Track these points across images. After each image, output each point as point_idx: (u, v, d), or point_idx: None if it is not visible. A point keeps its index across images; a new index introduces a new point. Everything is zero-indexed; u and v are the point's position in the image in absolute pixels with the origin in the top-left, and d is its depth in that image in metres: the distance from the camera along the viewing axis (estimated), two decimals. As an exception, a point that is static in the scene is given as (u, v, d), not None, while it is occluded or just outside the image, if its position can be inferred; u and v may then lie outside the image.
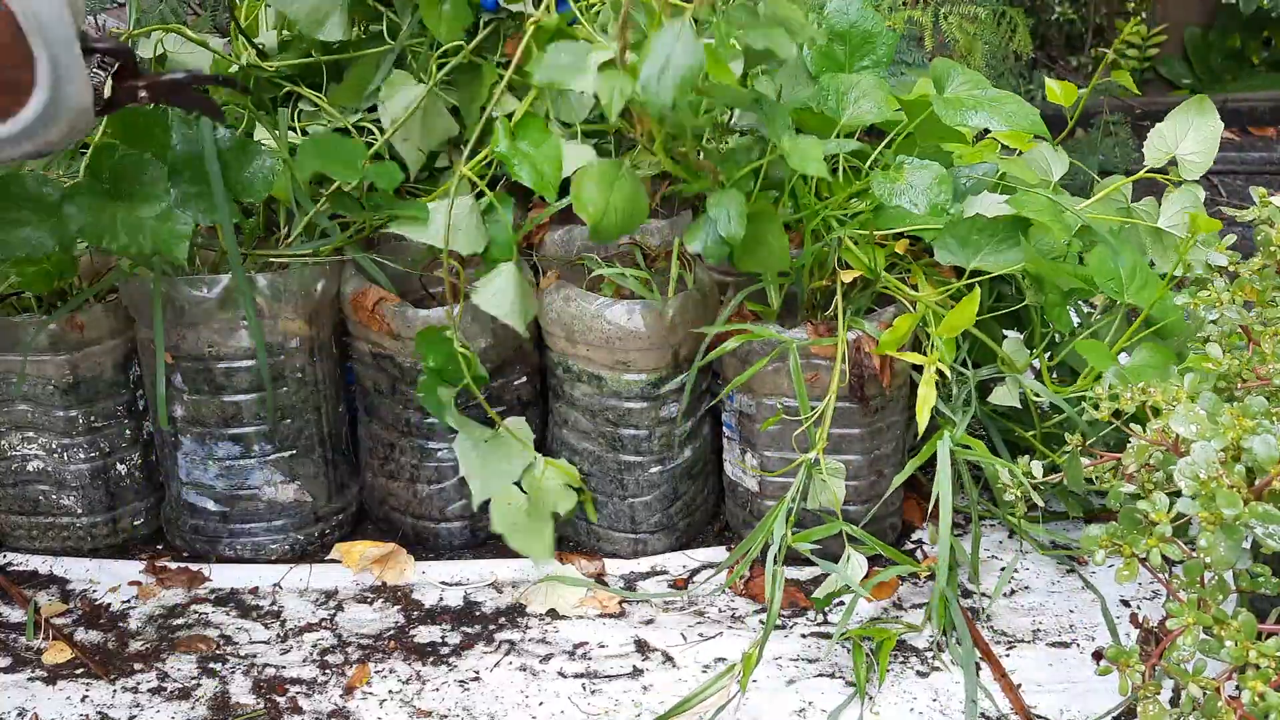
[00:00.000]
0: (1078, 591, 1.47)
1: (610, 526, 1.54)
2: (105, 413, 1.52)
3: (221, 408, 1.47)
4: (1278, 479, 0.98)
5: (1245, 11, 3.22)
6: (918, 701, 1.29)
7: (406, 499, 1.56)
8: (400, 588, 1.49)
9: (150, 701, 1.30)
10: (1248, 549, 1.08)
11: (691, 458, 1.53)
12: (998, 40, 2.61)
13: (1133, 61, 3.44)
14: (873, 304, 1.49)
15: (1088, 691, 1.29)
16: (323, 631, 1.41)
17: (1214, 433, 1.01)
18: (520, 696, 1.30)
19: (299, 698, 1.30)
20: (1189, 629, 0.99)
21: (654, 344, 1.44)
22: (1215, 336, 1.20)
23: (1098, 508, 1.57)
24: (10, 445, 1.50)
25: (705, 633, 1.40)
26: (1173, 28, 3.53)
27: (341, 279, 1.52)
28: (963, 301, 1.36)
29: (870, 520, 1.49)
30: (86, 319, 1.47)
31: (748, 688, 1.30)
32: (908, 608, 1.44)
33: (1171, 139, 1.53)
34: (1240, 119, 3.30)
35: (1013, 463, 1.31)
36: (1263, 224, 1.28)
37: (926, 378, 1.38)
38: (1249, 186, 1.37)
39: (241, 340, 1.45)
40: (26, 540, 1.55)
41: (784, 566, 1.34)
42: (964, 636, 1.33)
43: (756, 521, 1.48)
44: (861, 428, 1.46)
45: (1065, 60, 3.50)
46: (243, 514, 1.53)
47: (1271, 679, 0.94)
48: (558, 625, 1.42)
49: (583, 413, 1.51)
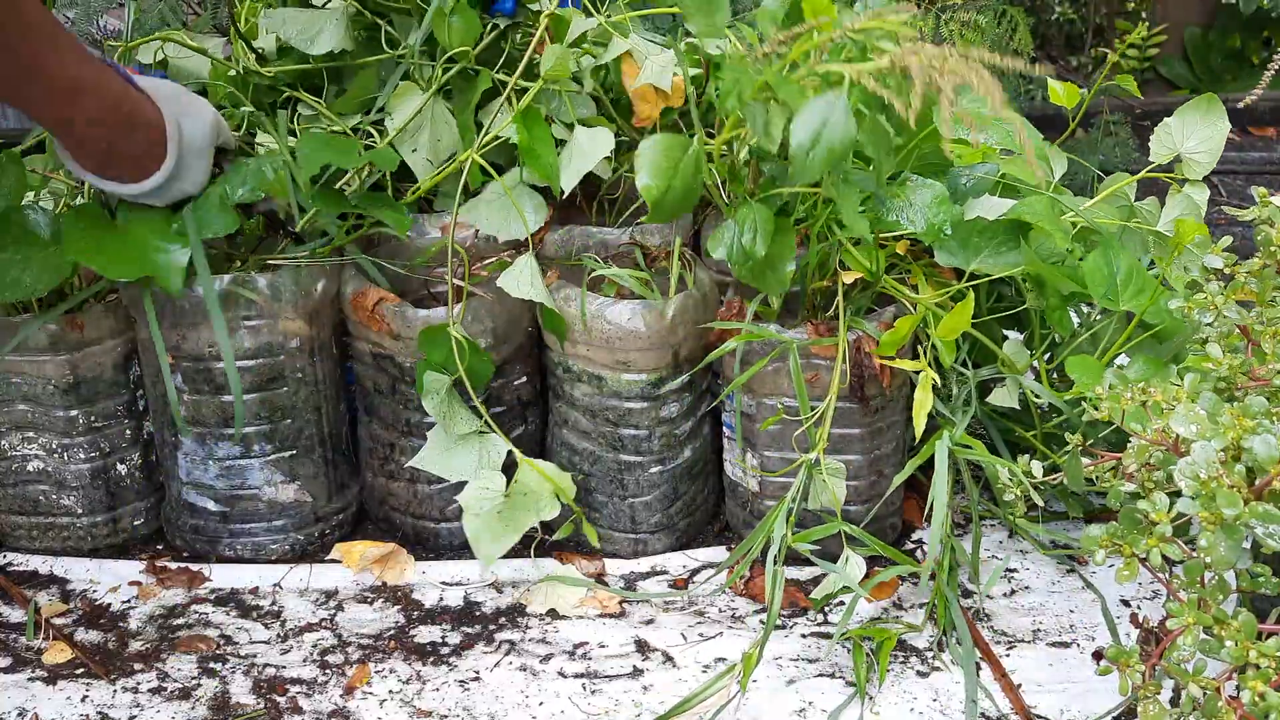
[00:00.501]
0: (1078, 591, 1.47)
1: (610, 526, 1.54)
2: (105, 413, 1.52)
3: (222, 408, 1.47)
4: (1278, 479, 0.98)
5: (1245, 11, 3.22)
6: (918, 701, 1.29)
7: (406, 499, 1.56)
8: (400, 588, 1.49)
9: (150, 701, 1.30)
10: (1248, 549, 1.08)
11: (692, 458, 1.53)
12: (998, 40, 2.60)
13: (1133, 61, 3.44)
14: (873, 304, 1.49)
15: (1088, 691, 1.29)
16: (323, 631, 1.41)
17: (1214, 433, 1.01)
18: (520, 696, 1.30)
19: (299, 698, 1.30)
20: (1189, 629, 0.99)
21: (654, 344, 1.44)
22: (1214, 337, 1.20)
23: (1098, 507, 1.57)
24: (10, 445, 1.51)
25: (705, 633, 1.40)
26: (1173, 28, 3.53)
27: (341, 279, 1.52)
28: (959, 305, 1.36)
29: (870, 520, 1.49)
30: (86, 319, 1.47)
31: (748, 688, 1.30)
32: (908, 608, 1.44)
33: (1178, 135, 1.53)
34: (1240, 119, 3.30)
35: (1013, 463, 1.32)
36: (1263, 224, 1.27)
37: (923, 381, 1.38)
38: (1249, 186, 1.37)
39: (242, 340, 1.45)
40: (26, 540, 1.55)
41: (784, 566, 1.34)
42: (964, 636, 1.34)
43: (757, 521, 1.48)
44: (862, 428, 1.46)
45: (1065, 60, 3.50)
46: (243, 514, 1.53)
47: (1272, 679, 0.94)
48: (558, 625, 1.42)
49: (583, 413, 1.51)
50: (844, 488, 1.41)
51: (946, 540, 1.37)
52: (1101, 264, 1.47)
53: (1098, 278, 1.47)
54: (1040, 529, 1.52)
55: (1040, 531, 1.52)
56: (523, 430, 1.57)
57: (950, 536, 1.38)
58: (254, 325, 1.45)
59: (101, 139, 1.32)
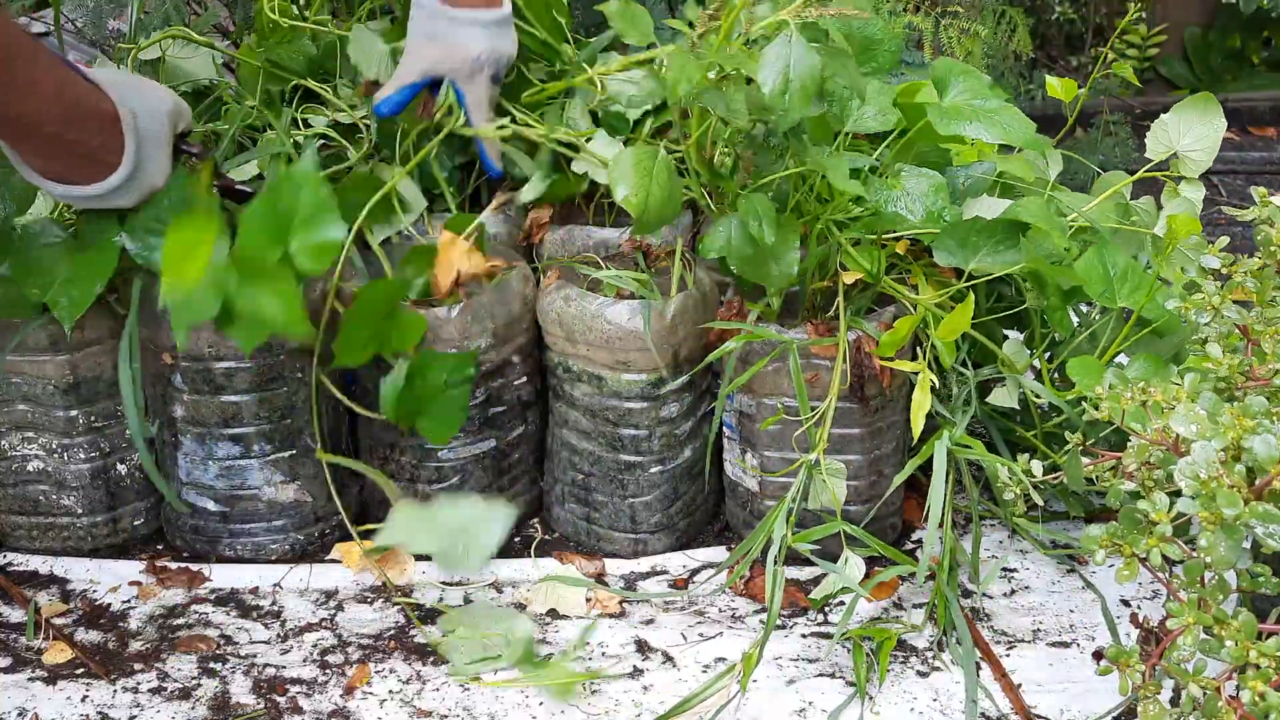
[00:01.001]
0: (1078, 591, 1.47)
1: (610, 526, 1.54)
2: (105, 413, 1.52)
3: (221, 408, 1.47)
4: (1278, 479, 0.98)
5: (1245, 11, 3.22)
6: (918, 701, 1.29)
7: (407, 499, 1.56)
8: (400, 588, 1.49)
9: (150, 701, 1.30)
10: (1248, 549, 1.08)
11: (692, 458, 1.53)
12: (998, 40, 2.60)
13: (1133, 61, 3.44)
14: (873, 304, 1.49)
15: (1088, 691, 1.29)
16: (323, 631, 1.41)
17: (1214, 432, 1.01)
18: (520, 696, 1.30)
19: (299, 698, 1.30)
20: (1189, 629, 0.99)
21: (654, 344, 1.44)
22: (1214, 337, 1.20)
23: (1098, 507, 1.57)
24: (10, 445, 1.51)
25: (705, 633, 1.40)
26: (1173, 28, 3.53)
27: (341, 278, 1.51)
28: (959, 306, 1.36)
29: (871, 520, 1.49)
30: (86, 319, 1.46)
31: (748, 688, 1.30)
32: (908, 608, 1.44)
33: (1174, 133, 1.53)
34: (1240, 119, 3.30)
35: (1013, 462, 1.32)
36: (1263, 224, 1.27)
37: (921, 383, 1.38)
38: (1249, 186, 1.37)
39: (241, 340, 1.45)
40: (26, 540, 1.55)
41: (784, 566, 1.34)
42: (964, 636, 1.34)
43: (757, 521, 1.48)
44: (861, 427, 1.46)
45: (1065, 60, 3.50)
46: (243, 514, 1.53)
47: (1272, 679, 0.94)
48: (558, 625, 1.42)
49: (583, 413, 1.51)
50: (844, 488, 1.41)
51: (946, 540, 1.37)
52: (1097, 262, 1.48)
53: (1093, 275, 1.47)
54: (1040, 529, 1.52)
55: (1040, 531, 1.52)
56: (523, 430, 1.57)
57: (950, 536, 1.38)
58: (254, 325, 1.45)
59: (50, 132, 1.24)
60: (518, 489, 1.60)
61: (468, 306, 1.46)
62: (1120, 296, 1.46)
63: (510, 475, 1.58)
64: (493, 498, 1.56)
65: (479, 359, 1.48)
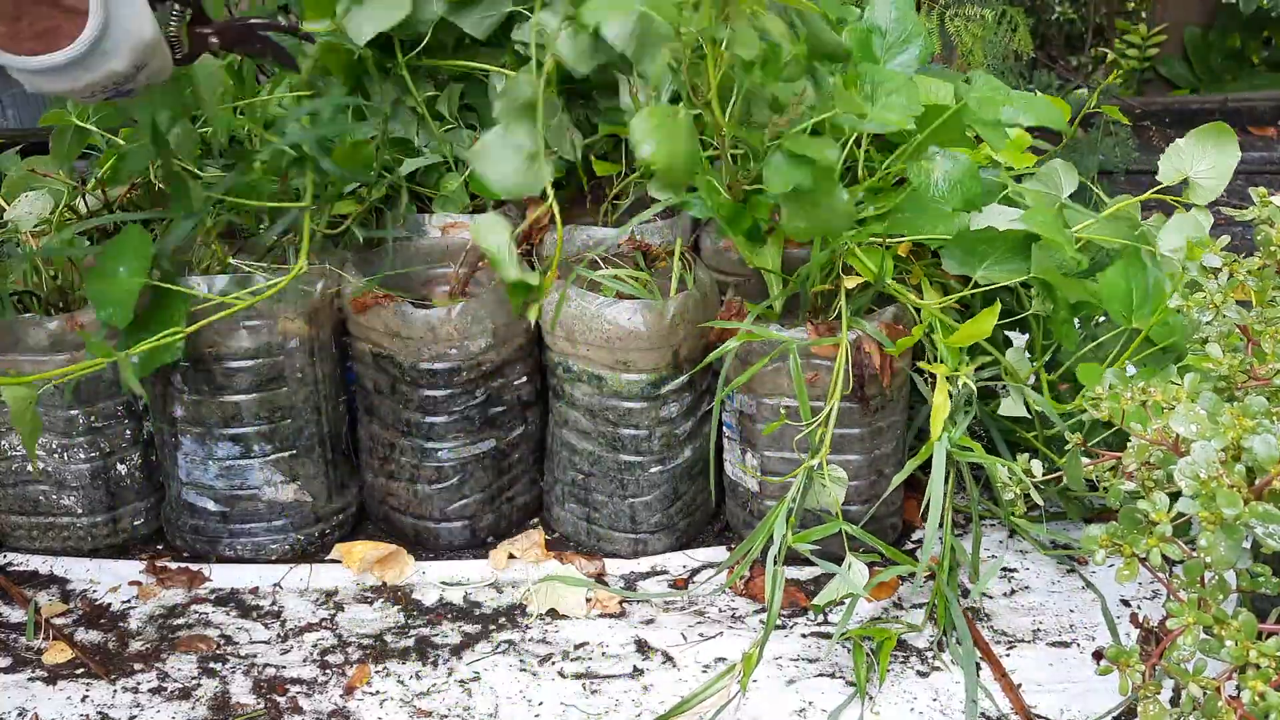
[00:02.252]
0: (1078, 591, 1.47)
1: (610, 526, 1.54)
2: (105, 413, 1.52)
3: (221, 408, 1.47)
4: (1278, 479, 0.98)
5: (1245, 11, 3.21)
6: (918, 701, 1.29)
7: (406, 499, 1.56)
8: (400, 588, 1.49)
9: (150, 701, 1.30)
10: (1248, 549, 1.08)
11: (692, 458, 1.53)
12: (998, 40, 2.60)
13: (1133, 61, 3.44)
14: (872, 304, 1.49)
15: (1088, 691, 1.29)
16: (323, 631, 1.41)
17: (1214, 432, 1.01)
18: (520, 696, 1.30)
19: (299, 698, 1.30)
20: (1189, 629, 0.99)
21: (654, 344, 1.44)
22: (1214, 337, 1.20)
23: (1098, 509, 1.57)
24: (10, 445, 1.50)
25: (705, 633, 1.40)
26: (1173, 28, 3.52)
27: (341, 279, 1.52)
28: (981, 314, 1.36)
29: (870, 520, 1.49)
30: (86, 319, 1.47)
31: (748, 688, 1.30)
32: (908, 608, 1.44)
33: (1189, 158, 1.52)
34: (1240, 119, 3.30)
35: (1013, 462, 1.31)
36: (1262, 224, 1.27)
37: (940, 386, 1.38)
38: (1249, 186, 1.37)
39: (242, 340, 1.45)
40: (27, 540, 1.55)
41: (784, 567, 1.34)
42: (964, 636, 1.34)
43: (757, 521, 1.48)
44: (861, 428, 1.46)
45: (1065, 60, 3.49)
46: (243, 514, 1.53)
47: (1271, 679, 0.94)
48: (558, 625, 1.42)
49: (583, 413, 1.51)
50: (844, 488, 1.41)
51: (946, 540, 1.37)
52: (1121, 280, 1.46)
53: (1115, 293, 1.45)
54: (1040, 529, 1.52)
55: (1040, 531, 1.52)
56: (523, 430, 1.57)
57: (950, 536, 1.38)
58: (253, 325, 1.45)
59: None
60: (518, 489, 1.60)
61: (468, 306, 1.46)
62: (1136, 318, 1.45)
63: (510, 475, 1.58)
64: (493, 497, 1.56)
65: (479, 359, 1.48)
